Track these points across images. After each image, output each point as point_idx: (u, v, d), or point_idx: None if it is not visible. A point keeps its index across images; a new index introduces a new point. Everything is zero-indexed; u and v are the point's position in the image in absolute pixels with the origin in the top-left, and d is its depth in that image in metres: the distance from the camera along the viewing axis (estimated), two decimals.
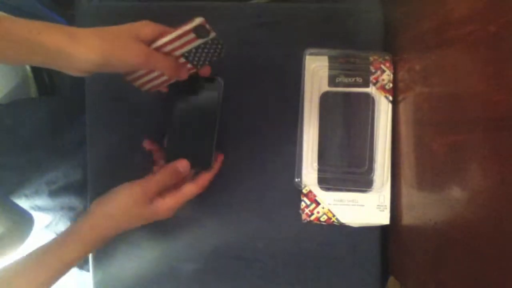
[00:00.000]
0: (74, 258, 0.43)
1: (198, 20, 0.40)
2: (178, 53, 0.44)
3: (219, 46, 0.44)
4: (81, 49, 0.36)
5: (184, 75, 0.46)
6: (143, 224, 0.47)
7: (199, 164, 0.51)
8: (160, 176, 0.47)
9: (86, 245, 0.44)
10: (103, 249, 0.58)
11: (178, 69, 0.45)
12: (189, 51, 0.44)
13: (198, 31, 0.41)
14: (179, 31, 0.41)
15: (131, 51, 0.39)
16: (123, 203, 0.45)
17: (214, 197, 0.58)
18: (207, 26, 0.41)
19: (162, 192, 0.47)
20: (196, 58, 0.45)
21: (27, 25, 0.35)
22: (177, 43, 0.42)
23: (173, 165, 0.48)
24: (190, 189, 0.48)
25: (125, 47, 0.39)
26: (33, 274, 0.41)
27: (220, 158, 0.53)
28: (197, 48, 0.43)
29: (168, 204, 0.46)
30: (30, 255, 0.42)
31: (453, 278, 0.41)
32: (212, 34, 0.42)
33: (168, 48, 0.42)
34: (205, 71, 0.50)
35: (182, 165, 0.48)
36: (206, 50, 0.44)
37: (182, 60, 0.45)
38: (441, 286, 0.43)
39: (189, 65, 0.46)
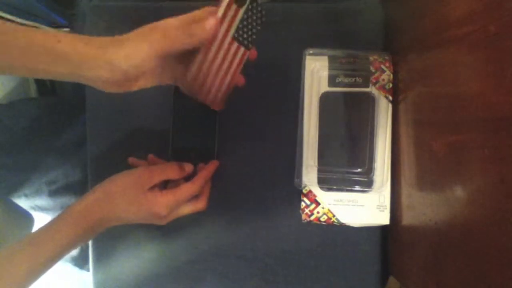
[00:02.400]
0: (69, 241, 0.42)
1: None
2: (229, 36, 0.43)
3: (259, 10, 0.44)
4: (106, 55, 0.36)
5: (212, 22, 0.42)
6: (139, 217, 0.46)
7: (203, 158, 0.54)
8: (164, 167, 0.47)
9: (79, 227, 0.43)
10: (103, 249, 0.58)
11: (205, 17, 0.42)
12: (237, 30, 0.43)
13: None
14: (222, 9, 0.41)
15: (143, 45, 0.38)
16: (122, 181, 0.45)
17: (214, 197, 0.58)
18: None
19: (162, 188, 0.47)
20: (245, 35, 0.45)
21: (46, 34, 0.35)
22: (225, 24, 0.42)
23: (179, 163, 0.49)
24: (187, 187, 0.47)
25: (137, 44, 0.38)
26: (29, 254, 0.40)
27: (215, 163, 0.53)
28: (242, 22, 0.43)
29: (165, 198, 0.45)
30: (28, 236, 0.41)
31: (453, 278, 0.41)
32: None
33: (221, 34, 0.42)
34: (253, 54, 0.48)
35: (188, 165, 0.49)
36: (250, 21, 0.44)
37: (235, 45, 0.44)
38: (441, 286, 0.43)
39: (242, 49, 0.45)
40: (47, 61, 0.35)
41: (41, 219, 0.65)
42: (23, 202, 0.62)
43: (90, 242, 0.59)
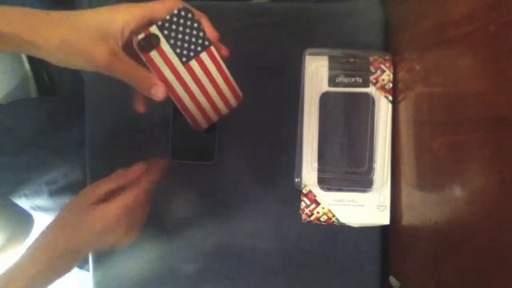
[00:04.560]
0: (39, 278, 0.39)
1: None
2: (179, 65, 0.39)
3: (178, 19, 0.38)
4: (40, 40, 0.33)
5: (158, 94, 0.39)
6: (101, 242, 0.42)
7: (203, 158, 0.54)
8: (104, 180, 0.44)
9: (44, 265, 0.40)
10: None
11: (149, 83, 0.39)
12: (180, 56, 0.39)
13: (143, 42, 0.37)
14: (149, 67, 0.38)
15: (92, 52, 0.35)
16: (62, 214, 0.43)
17: (214, 197, 0.58)
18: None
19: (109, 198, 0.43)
20: (191, 46, 0.40)
21: None
22: (163, 66, 0.39)
23: (123, 169, 0.46)
24: (131, 191, 0.43)
25: (87, 45, 0.35)
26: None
27: (163, 162, 0.48)
28: (174, 47, 0.39)
29: (109, 207, 0.41)
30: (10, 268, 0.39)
31: (453, 278, 0.41)
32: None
33: (171, 76, 0.40)
34: (222, 50, 0.43)
35: (133, 169, 0.45)
36: (181, 36, 0.39)
37: (193, 61, 0.40)
38: (441, 286, 0.43)
39: (203, 54, 0.41)
40: None
41: (41, 219, 0.65)
42: (23, 202, 0.62)
43: None
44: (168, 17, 0.38)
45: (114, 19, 0.36)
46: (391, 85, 0.54)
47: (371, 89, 0.54)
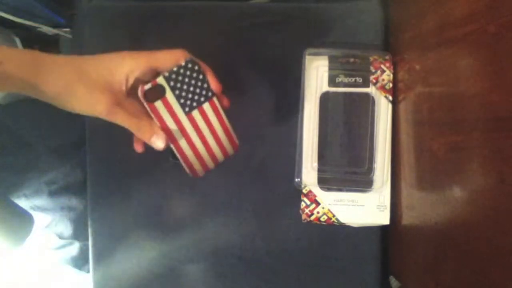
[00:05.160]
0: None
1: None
2: (182, 115, 0.40)
3: (184, 71, 0.38)
4: (44, 84, 0.34)
5: (158, 143, 0.39)
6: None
7: None
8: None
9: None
10: (103, 249, 0.58)
11: (150, 133, 0.39)
12: (182, 106, 0.39)
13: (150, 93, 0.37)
14: (153, 116, 0.38)
15: (94, 100, 0.36)
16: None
17: (214, 197, 0.58)
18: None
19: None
20: (194, 96, 0.40)
21: None
22: (168, 116, 0.39)
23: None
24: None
25: (90, 92, 0.35)
26: None
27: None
28: (178, 98, 0.39)
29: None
30: None
31: (453, 278, 0.41)
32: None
33: (173, 125, 0.40)
34: (224, 102, 0.43)
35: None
36: (185, 87, 0.39)
37: (195, 111, 0.40)
38: (441, 286, 0.43)
39: (206, 104, 0.41)
40: None
41: (41, 219, 0.65)
42: (22, 202, 0.62)
43: (90, 242, 0.59)
44: (175, 69, 0.38)
45: (119, 67, 0.37)
46: (391, 85, 0.54)
47: (371, 89, 0.54)
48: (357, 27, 0.56)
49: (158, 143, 0.39)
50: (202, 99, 0.41)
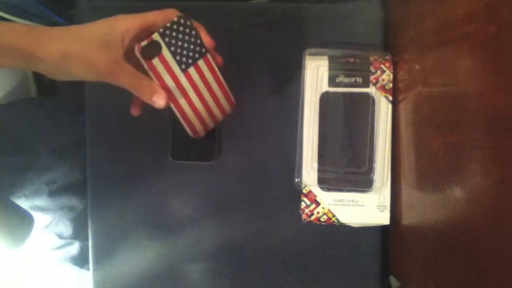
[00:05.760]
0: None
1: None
2: (178, 72, 0.40)
3: (178, 26, 0.39)
4: (42, 53, 0.34)
5: (160, 101, 0.39)
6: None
7: (203, 158, 0.54)
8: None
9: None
10: (103, 249, 0.58)
11: (151, 91, 0.39)
12: (179, 63, 0.40)
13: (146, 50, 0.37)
14: (151, 74, 0.38)
15: (94, 61, 0.36)
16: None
17: (214, 198, 0.58)
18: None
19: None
20: (189, 53, 0.40)
21: None
22: (165, 74, 0.39)
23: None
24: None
25: (90, 54, 0.35)
26: None
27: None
28: (174, 54, 0.39)
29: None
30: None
31: (453, 278, 0.41)
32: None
33: (171, 82, 0.40)
34: (217, 59, 0.43)
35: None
36: (180, 43, 0.39)
37: (191, 68, 0.41)
38: (441, 286, 0.43)
39: (200, 61, 0.41)
40: None
41: (41, 219, 0.65)
42: (23, 202, 0.62)
43: (90, 242, 0.59)
44: (168, 25, 0.38)
45: (114, 28, 0.37)
46: (391, 85, 0.54)
47: (371, 89, 0.54)
48: (357, 27, 0.56)
49: (160, 101, 0.39)
50: (197, 55, 0.41)
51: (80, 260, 0.71)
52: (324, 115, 0.55)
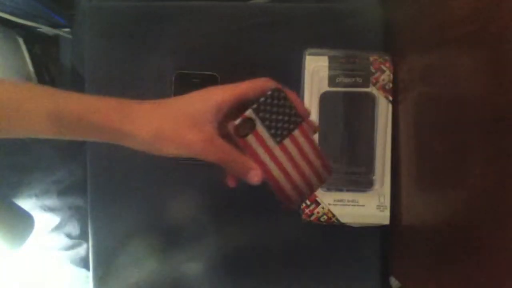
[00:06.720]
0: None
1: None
2: (274, 145, 0.39)
3: (271, 100, 0.37)
4: (136, 131, 0.34)
5: (255, 178, 0.38)
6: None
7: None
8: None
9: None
10: (103, 249, 0.58)
11: (246, 168, 0.38)
12: (273, 136, 0.38)
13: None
14: (248, 154, 0.37)
15: (187, 140, 0.35)
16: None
17: (215, 198, 0.58)
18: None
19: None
20: (284, 125, 0.39)
21: (81, 103, 0.34)
22: (260, 149, 0.38)
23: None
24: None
25: (182, 134, 0.35)
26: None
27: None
28: (269, 129, 0.38)
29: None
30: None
31: (453, 278, 0.41)
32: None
33: (267, 157, 0.39)
34: (310, 125, 0.41)
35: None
36: (274, 117, 0.38)
37: (287, 140, 0.39)
38: (441, 286, 0.43)
39: (295, 132, 0.39)
40: (80, 132, 0.35)
41: (50, 220, 0.65)
42: (33, 203, 0.62)
43: (90, 242, 0.59)
44: (262, 99, 0.37)
45: (208, 102, 0.36)
46: (391, 85, 0.54)
47: (371, 89, 0.54)
48: (357, 27, 0.56)
49: (255, 179, 0.38)
50: (292, 126, 0.39)
51: (80, 260, 0.71)
52: (324, 115, 0.55)
